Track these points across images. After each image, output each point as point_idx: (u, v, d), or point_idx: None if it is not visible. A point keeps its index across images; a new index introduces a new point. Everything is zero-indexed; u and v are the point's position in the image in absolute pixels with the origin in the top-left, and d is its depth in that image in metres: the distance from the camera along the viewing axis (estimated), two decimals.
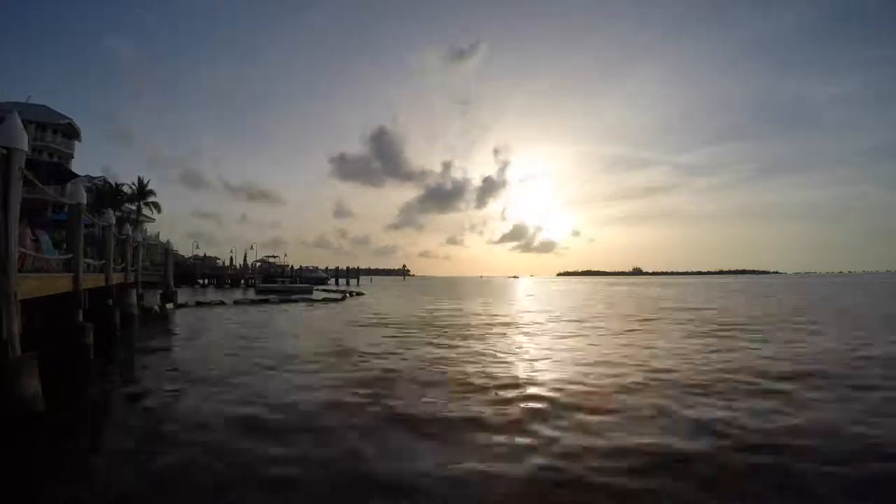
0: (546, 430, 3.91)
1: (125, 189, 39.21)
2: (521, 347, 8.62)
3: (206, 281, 41.86)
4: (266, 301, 21.27)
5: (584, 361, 7.09)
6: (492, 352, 8.01)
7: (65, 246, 8.68)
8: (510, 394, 5.16)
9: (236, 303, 20.03)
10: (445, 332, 10.94)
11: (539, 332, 10.90)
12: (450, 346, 8.63)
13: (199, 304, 18.96)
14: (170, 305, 17.22)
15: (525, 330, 11.43)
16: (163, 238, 29.79)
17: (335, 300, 24.05)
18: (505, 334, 10.53)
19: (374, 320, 13.95)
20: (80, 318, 7.33)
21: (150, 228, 36.52)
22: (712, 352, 7.88)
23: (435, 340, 9.41)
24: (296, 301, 22.28)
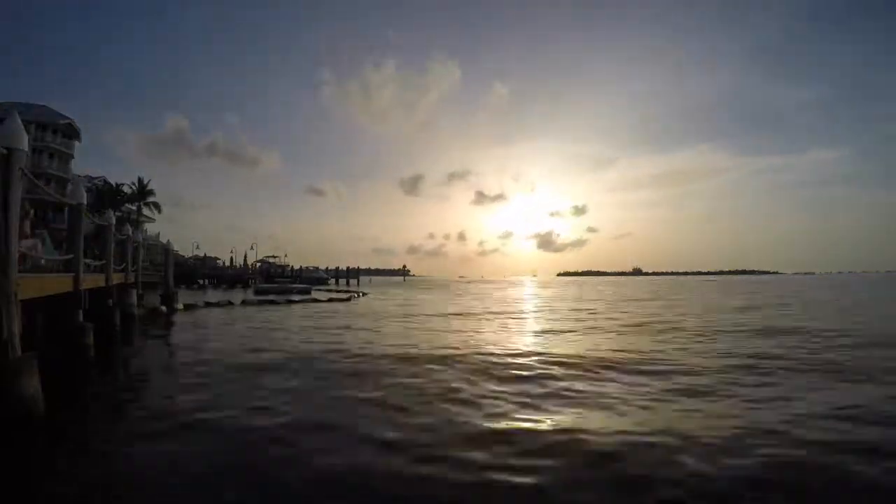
0: None
1: (125, 189, 39.27)
2: None
3: (206, 281, 41.88)
4: (273, 302, 21.30)
5: None
6: None
7: (65, 246, 8.67)
8: None
9: (245, 303, 20.00)
10: None
11: None
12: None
13: (208, 304, 18.77)
14: (179, 307, 16.91)
15: None
16: (163, 238, 29.79)
17: (342, 300, 24.10)
18: None
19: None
20: (80, 318, 7.32)
21: (150, 228, 36.55)
22: None
23: None
24: (300, 301, 22.26)
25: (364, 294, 30.75)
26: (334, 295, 27.62)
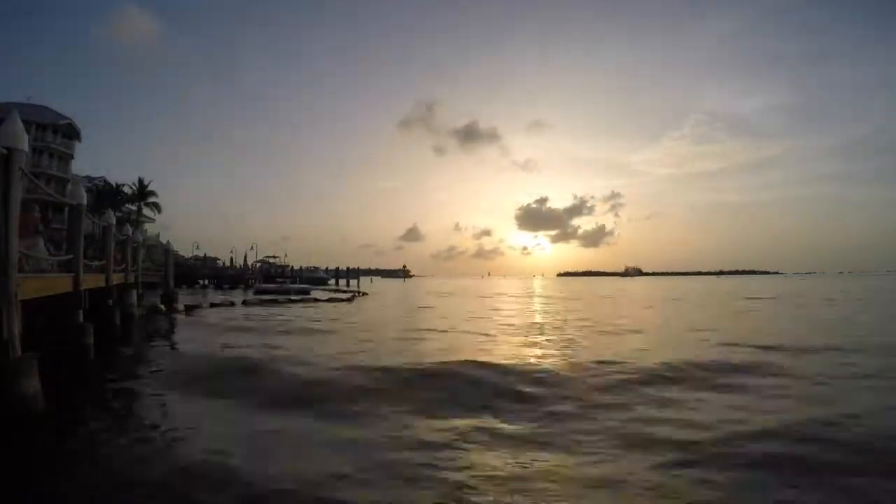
0: None
1: (125, 189, 39.30)
2: None
3: (206, 281, 41.81)
4: (275, 301, 21.33)
5: None
6: None
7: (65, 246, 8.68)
8: None
9: (245, 303, 19.98)
10: None
11: None
12: None
13: (213, 305, 18.61)
14: (180, 307, 16.59)
15: None
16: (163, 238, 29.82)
17: (343, 300, 24.07)
18: None
19: None
20: (81, 318, 7.32)
21: (150, 229, 36.59)
22: None
23: None
24: (301, 301, 22.22)
25: (365, 293, 30.64)
26: (335, 295, 27.61)
